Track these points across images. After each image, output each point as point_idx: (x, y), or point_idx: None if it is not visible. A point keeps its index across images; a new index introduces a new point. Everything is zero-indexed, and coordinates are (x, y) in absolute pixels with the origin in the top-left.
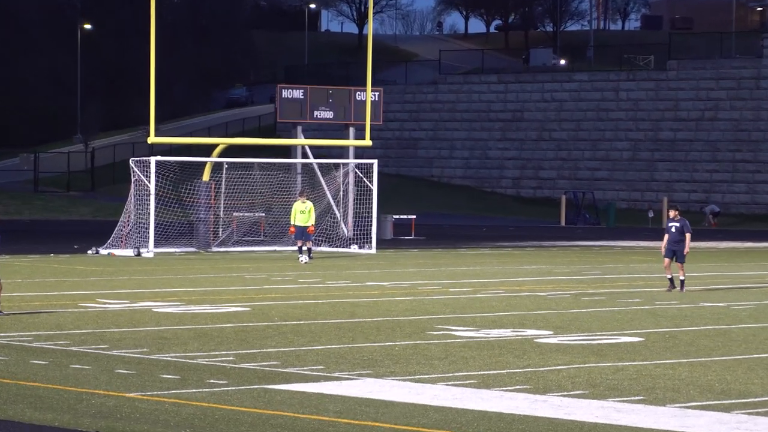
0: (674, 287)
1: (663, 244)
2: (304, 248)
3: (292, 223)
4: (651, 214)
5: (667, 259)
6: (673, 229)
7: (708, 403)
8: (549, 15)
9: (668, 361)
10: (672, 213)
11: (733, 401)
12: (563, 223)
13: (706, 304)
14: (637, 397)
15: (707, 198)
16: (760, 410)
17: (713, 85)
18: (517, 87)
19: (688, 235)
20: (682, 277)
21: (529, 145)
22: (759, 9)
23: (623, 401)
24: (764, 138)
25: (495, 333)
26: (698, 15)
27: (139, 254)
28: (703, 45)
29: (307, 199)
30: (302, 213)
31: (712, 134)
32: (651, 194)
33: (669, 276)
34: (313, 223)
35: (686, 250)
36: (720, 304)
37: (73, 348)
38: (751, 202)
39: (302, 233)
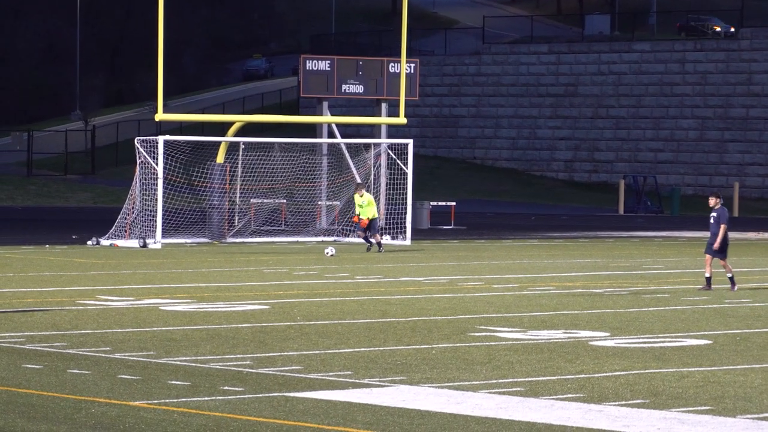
0: (711, 287)
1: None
2: (374, 240)
3: (356, 213)
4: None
5: (708, 256)
6: (712, 220)
7: None
8: None
9: (739, 367)
10: (712, 201)
11: None
12: (622, 211)
13: None
14: (704, 407)
15: None
16: None
17: None
18: (570, 58)
19: (722, 227)
20: (729, 274)
21: (584, 124)
22: None
23: (688, 411)
24: None
25: (544, 335)
26: None
27: (145, 245)
28: None
29: (366, 192)
30: (361, 207)
31: None
32: (720, 179)
33: (707, 274)
34: (368, 217)
35: (716, 243)
36: None
37: (70, 350)
38: None
39: (371, 226)
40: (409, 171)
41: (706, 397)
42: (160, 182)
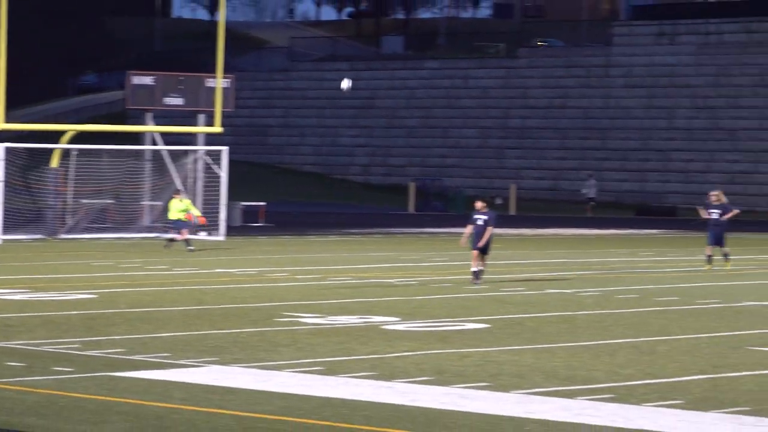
0: (479, 279)
1: (465, 234)
2: (181, 236)
3: (172, 217)
4: (499, 201)
5: (475, 251)
6: (480, 222)
7: (552, 389)
8: (401, 2)
9: (513, 348)
10: (479, 205)
11: (577, 387)
12: (412, 210)
13: (552, 290)
14: (482, 384)
15: (556, 185)
16: (603, 396)
17: (563, 72)
18: (368, 74)
19: (489, 229)
20: (481, 267)
21: (380, 133)
22: None
23: (468, 387)
24: (613, 126)
25: (342, 320)
26: (549, 3)
27: None
28: (554, 33)
29: (185, 197)
30: (184, 212)
31: (561, 122)
32: (500, 181)
33: (474, 268)
34: (199, 214)
35: (481, 242)
36: (566, 291)
37: None
38: (598, 190)
39: (183, 225)
40: (224, 174)
41: (484, 374)
42: (1, 185)
